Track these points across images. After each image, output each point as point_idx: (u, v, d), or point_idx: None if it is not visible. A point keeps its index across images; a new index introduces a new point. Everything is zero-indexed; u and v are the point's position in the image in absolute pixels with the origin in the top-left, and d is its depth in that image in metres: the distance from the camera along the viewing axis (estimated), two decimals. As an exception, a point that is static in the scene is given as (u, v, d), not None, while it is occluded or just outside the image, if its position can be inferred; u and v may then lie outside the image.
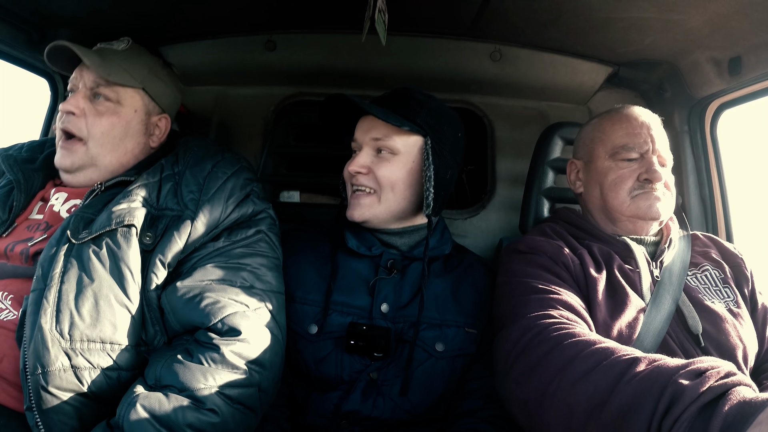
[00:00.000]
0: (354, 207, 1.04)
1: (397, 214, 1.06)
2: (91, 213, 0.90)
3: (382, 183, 1.02)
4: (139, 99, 1.05)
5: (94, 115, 0.99)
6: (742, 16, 1.07)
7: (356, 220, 1.03)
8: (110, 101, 1.01)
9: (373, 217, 1.04)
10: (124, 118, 1.02)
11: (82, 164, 0.99)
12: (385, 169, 1.02)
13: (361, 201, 1.03)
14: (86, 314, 0.79)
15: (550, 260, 0.99)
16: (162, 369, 0.80)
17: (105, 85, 1.00)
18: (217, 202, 0.95)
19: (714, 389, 0.56)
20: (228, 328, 0.84)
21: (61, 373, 0.76)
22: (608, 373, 0.65)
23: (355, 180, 1.04)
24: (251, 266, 0.94)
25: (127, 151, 1.03)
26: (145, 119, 1.06)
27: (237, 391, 0.81)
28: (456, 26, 1.42)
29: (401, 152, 1.03)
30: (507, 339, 0.85)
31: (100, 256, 0.84)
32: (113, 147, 1.01)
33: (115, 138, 1.01)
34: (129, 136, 1.03)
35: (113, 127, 1.01)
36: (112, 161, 1.02)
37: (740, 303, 1.00)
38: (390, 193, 1.03)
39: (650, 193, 0.99)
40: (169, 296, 0.87)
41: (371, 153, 1.04)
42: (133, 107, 1.04)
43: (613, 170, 1.03)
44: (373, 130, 1.03)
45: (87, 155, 0.99)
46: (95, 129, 0.99)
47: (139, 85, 1.04)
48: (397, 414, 0.96)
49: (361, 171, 1.03)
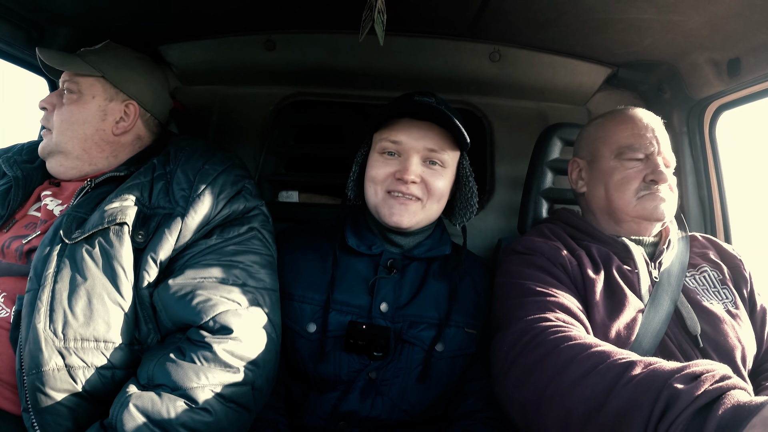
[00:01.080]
0: (401, 213, 1.00)
1: (432, 221, 1.08)
2: (83, 212, 0.90)
3: (433, 194, 1.02)
4: (99, 87, 1.07)
5: (59, 107, 1.06)
6: (741, 18, 1.07)
7: (403, 226, 1.01)
8: (73, 93, 1.06)
9: (416, 224, 1.04)
10: (82, 106, 1.06)
11: (50, 150, 1.05)
12: (439, 182, 1.02)
13: (410, 208, 1.01)
14: (80, 313, 0.79)
15: (547, 261, 0.99)
16: (154, 368, 0.79)
17: (69, 80, 1.06)
18: (207, 198, 0.95)
19: (709, 393, 0.56)
20: (220, 326, 0.84)
21: (55, 373, 0.76)
22: (604, 376, 0.65)
23: (406, 188, 1.00)
24: (244, 263, 0.94)
25: (87, 136, 1.05)
26: (103, 105, 1.07)
27: (230, 389, 0.81)
28: (455, 26, 1.42)
29: (449, 166, 1.04)
30: (504, 342, 0.85)
31: (93, 255, 0.84)
32: (72, 133, 1.04)
33: (72, 124, 1.04)
34: (86, 122, 1.05)
35: (71, 114, 1.05)
36: (75, 147, 1.04)
37: (739, 304, 1.00)
38: (436, 204, 1.04)
39: (656, 194, 0.99)
40: (161, 294, 0.87)
41: (420, 162, 1.02)
42: (91, 94, 1.06)
43: (618, 170, 1.03)
44: (428, 140, 1.00)
45: (52, 142, 1.04)
46: (57, 118, 1.05)
47: (98, 73, 1.07)
48: (396, 414, 0.96)
49: (417, 180, 1.00)
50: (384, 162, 1.03)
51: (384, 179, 1.02)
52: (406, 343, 0.98)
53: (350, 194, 1.11)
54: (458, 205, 1.10)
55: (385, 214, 1.01)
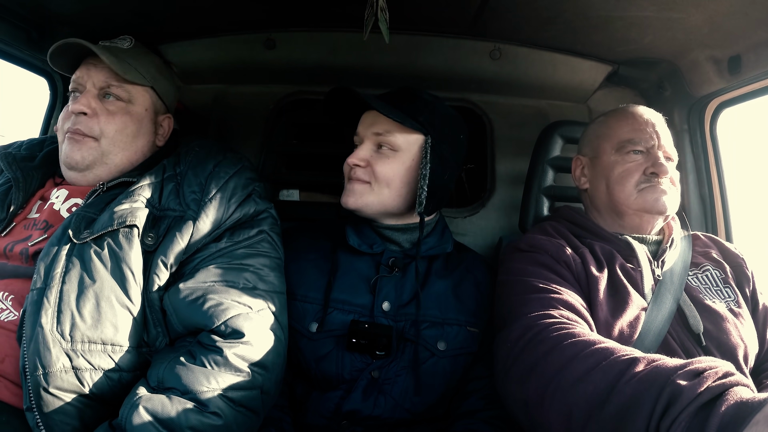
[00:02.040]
0: (348, 194, 1.05)
1: (391, 209, 1.06)
2: (92, 212, 0.89)
3: (379, 178, 1.03)
4: (149, 98, 1.05)
5: (106, 114, 0.98)
6: (742, 15, 1.07)
7: (349, 207, 1.04)
8: (121, 100, 1.00)
9: (364, 206, 1.04)
10: (136, 117, 1.02)
11: (93, 161, 0.98)
12: (383, 165, 1.03)
13: (355, 188, 1.04)
14: (87, 315, 0.79)
15: (551, 259, 0.99)
16: (165, 371, 0.79)
17: (116, 85, 0.99)
18: (219, 202, 0.95)
19: (712, 389, 0.56)
20: (231, 330, 0.83)
21: (62, 374, 0.75)
22: (607, 373, 0.65)
23: (353, 173, 1.04)
24: (254, 267, 0.94)
25: (138, 149, 1.03)
26: (154, 118, 1.07)
27: (240, 393, 0.80)
28: (456, 24, 1.42)
29: (402, 149, 1.03)
30: (507, 339, 0.85)
31: (102, 257, 0.83)
32: (125, 146, 1.01)
33: (128, 137, 1.01)
34: (141, 134, 1.03)
35: (126, 126, 1.00)
36: (123, 160, 1.01)
37: (741, 303, 1.00)
38: (385, 188, 1.03)
39: (656, 186, 1.00)
40: (172, 298, 0.86)
41: (372, 147, 1.05)
42: (144, 106, 1.04)
43: (619, 164, 1.03)
44: (376, 125, 1.04)
45: (99, 151, 0.98)
46: (109, 128, 0.98)
47: (149, 83, 1.04)
48: (398, 413, 0.96)
49: (360, 164, 1.03)
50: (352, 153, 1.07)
51: (347, 170, 1.08)
52: (408, 342, 0.99)
53: None
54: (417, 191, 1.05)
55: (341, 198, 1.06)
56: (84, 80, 0.99)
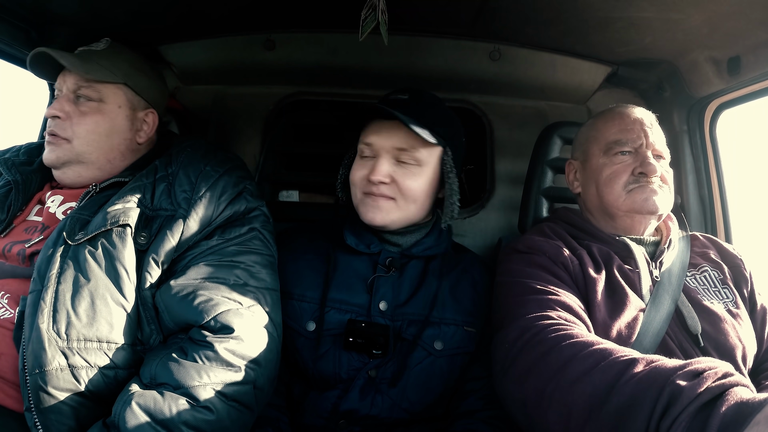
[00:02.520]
0: (372, 210, 1.00)
1: (414, 222, 1.06)
2: (86, 214, 0.90)
3: (406, 194, 1.00)
4: (122, 95, 1.05)
5: (78, 116, 1.00)
6: (741, 16, 1.07)
7: (377, 224, 1.01)
8: (92, 101, 1.01)
9: (391, 223, 1.02)
10: (108, 116, 1.02)
11: (67, 159, 1.00)
12: (411, 181, 1.00)
13: (381, 204, 1.00)
14: (83, 314, 0.79)
15: (549, 260, 0.99)
16: (157, 367, 0.80)
17: (86, 86, 1.01)
18: (209, 200, 0.95)
19: (711, 390, 0.56)
20: (221, 325, 0.84)
21: (58, 373, 0.76)
22: (606, 373, 0.65)
23: (376, 189, 0.99)
24: (245, 264, 0.94)
25: (113, 147, 1.03)
26: (131, 114, 1.06)
27: (232, 388, 0.81)
28: (455, 25, 1.42)
29: (425, 163, 1.01)
30: (505, 339, 0.85)
31: (96, 257, 0.84)
32: (99, 145, 1.01)
33: (100, 135, 1.01)
34: (115, 132, 1.03)
35: (98, 125, 1.01)
36: (99, 158, 1.02)
37: (739, 304, 1.00)
38: (412, 204, 1.02)
39: (646, 186, 0.99)
40: (164, 295, 0.87)
41: (392, 161, 1.00)
42: (117, 103, 1.04)
43: (607, 166, 1.03)
44: (396, 139, 0.99)
45: (72, 152, 0.99)
46: (80, 128, 0.99)
47: (120, 80, 1.04)
48: (396, 413, 0.96)
49: (385, 181, 0.99)
50: (361, 165, 1.04)
51: (360, 181, 1.03)
52: (405, 342, 0.98)
53: (341, 195, 1.12)
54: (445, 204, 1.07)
55: (362, 212, 1.02)
56: (60, 85, 1.03)
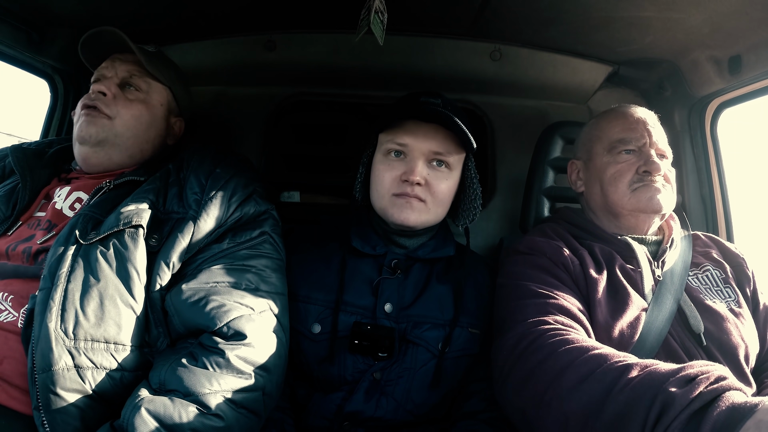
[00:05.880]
0: (406, 209, 1.00)
1: (435, 223, 1.07)
2: (99, 214, 0.90)
3: (437, 198, 1.01)
4: (166, 95, 1.12)
5: (124, 100, 1.04)
6: (742, 15, 1.07)
7: (410, 224, 1.01)
8: (140, 91, 1.06)
9: (421, 224, 1.03)
10: (151, 110, 1.08)
11: (104, 137, 1.01)
12: (443, 184, 1.01)
13: (414, 205, 1.00)
14: (91, 314, 0.79)
15: (549, 261, 0.99)
16: (166, 373, 0.79)
17: (139, 75, 1.06)
18: (220, 201, 0.95)
19: (704, 396, 0.56)
20: (234, 332, 0.83)
21: (64, 372, 0.75)
22: (601, 381, 0.66)
23: (411, 190, 0.99)
24: (256, 268, 0.94)
25: (149, 140, 1.08)
26: (167, 116, 1.12)
27: (242, 395, 0.80)
28: (456, 25, 1.42)
29: (454, 168, 1.03)
30: (503, 347, 0.86)
31: (108, 257, 0.84)
32: (137, 132, 1.05)
33: (141, 124, 1.06)
34: (154, 126, 1.09)
35: (141, 114, 1.06)
36: (134, 144, 1.05)
37: (742, 303, 1.00)
38: (440, 207, 1.04)
39: (650, 185, 0.99)
40: (174, 298, 0.86)
41: (425, 163, 1.01)
42: (160, 101, 1.10)
43: (611, 165, 1.03)
44: (434, 142, 0.99)
45: (111, 131, 1.02)
46: (124, 111, 1.03)
47: (168, 83, 1.11)
48: (400, 414, 0.96)
49: (422, 182, 1.00)
50: (389, 164, 1.02)
51: (391, 181, 1.01)
52: (410, 344, 0.98)
53: (358, 196, 1.11)
54: (462, 207, 1.10)
55: (393, 213, 1.01)
56: (108, 71, 1.06)
